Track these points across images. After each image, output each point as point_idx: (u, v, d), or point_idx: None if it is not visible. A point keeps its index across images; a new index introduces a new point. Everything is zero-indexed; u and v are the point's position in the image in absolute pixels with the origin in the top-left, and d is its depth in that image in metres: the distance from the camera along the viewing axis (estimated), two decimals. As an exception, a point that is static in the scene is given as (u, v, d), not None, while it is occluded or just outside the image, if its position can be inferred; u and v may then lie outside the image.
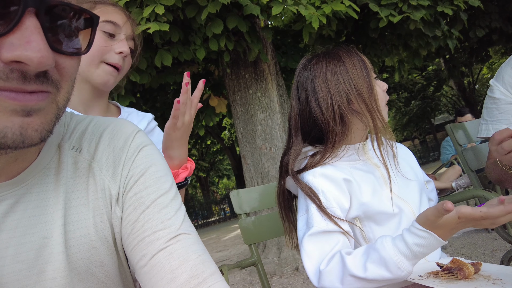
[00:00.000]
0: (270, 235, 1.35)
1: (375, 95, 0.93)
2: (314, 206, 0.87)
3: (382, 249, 0.75)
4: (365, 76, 0.93)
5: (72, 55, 0.46)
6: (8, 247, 0.48)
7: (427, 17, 3.51)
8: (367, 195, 0.91)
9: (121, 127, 0.62)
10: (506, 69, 1.31)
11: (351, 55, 0.95)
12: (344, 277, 0.77)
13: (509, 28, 5.68)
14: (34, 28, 0.39)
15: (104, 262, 0.56)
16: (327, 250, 0.83)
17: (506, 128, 0.96)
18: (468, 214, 0.67)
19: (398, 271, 0.73)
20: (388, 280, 0.74)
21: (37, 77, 0.41)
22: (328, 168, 0.92)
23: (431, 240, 0.71)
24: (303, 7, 2.92)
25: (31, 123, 0.42)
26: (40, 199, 0.52)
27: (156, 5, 2.65)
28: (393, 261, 0.72)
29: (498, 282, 0.72)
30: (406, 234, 0.74)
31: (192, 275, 0.51)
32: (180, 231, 0.55)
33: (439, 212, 0.68)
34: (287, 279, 3.49)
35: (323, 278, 0.80)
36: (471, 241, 3.43)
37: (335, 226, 0.84)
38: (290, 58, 4.73)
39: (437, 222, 0.69)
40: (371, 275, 0.74)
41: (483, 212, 0.67)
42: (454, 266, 0.77)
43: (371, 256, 0.76)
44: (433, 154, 23.16)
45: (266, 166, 3.96)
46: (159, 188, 0.58)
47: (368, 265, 0.75)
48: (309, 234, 0.84)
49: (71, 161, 0.56)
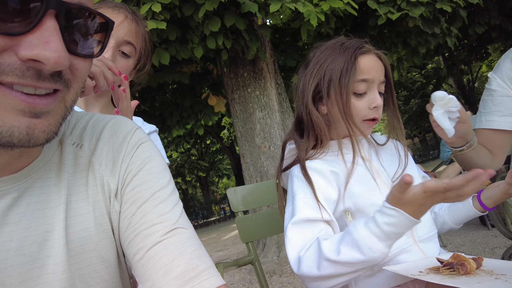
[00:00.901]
0: (268, 232, 1.34)
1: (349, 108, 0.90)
2: (299, 197, 0.87)
3: (354, 231, 0.74)
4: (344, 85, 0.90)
5: (86, 57, 0.48)
6: (11, 240, 0.49)
7: (426, 14, 3.50)
8: (357, 187, 0.91)
9: (121, 124, 0.64)
10: (505, 61, 1.30)
11: (340, 54, 0.93)
12: (320, 262, 0.77)
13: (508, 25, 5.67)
14: (53, 30, 0.41)
15: (105, 258, 0.57)
16: (309, 237, 0.83)
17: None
18: (432, 187, 0.67)
19: (371, 252, 0.72)
20: (361, 262, 0.73)
21: (52, 76, 0.43)
22: (315, 162, 0.92)
23: (400, 218, 0.70)
24: (301, 4, 2.91)
25: (38, 125, 0.43)
26: (43, 193, 0.53)
27: (153, 3, 2.64)
28: (364, 242, 0.72)
29: (502, 277, 0.70)
30: (376, 214, 0.73)
31: (187, 268, 0.52)
32: (177, 225, 0.56)
33: (401, 187, 0.68)
34: (287, 278, 3.48)
35: (302, 265, 0.80)
36: (471, 238, 3.42)
37: (318, 215, 0.84)
38: (288, 57, 4.72)
39: (404, 199, 0.69)
40: (344, 258, 0.73)
41: (445, 183, 0.66)
42: (456, 261, 0.75)
43: (344, 239, 0.76)
44: (432, 152, 23.20)
45: (265, 165, 3.95)
46: (157, 183, 0.59)
47: (341, 248, 0.74)
48: (292, 222, 0.85)
49: (72, 157, 0.58)
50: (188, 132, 10.62)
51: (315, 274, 0.78)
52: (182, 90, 5.37)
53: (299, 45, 5.09)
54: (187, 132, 10.75)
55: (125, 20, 0.98)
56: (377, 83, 0.93)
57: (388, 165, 1.00)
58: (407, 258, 0.88)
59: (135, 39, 1.01)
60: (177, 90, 5.48)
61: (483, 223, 3.75)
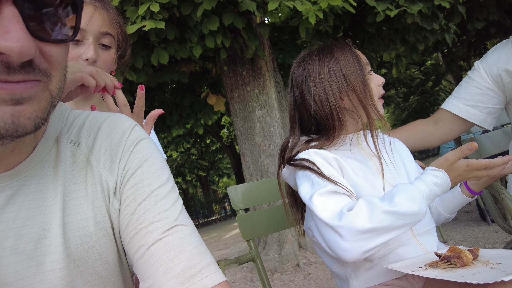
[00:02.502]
0: (269, 230, 1.34)
1: (369, 90, 0.95)
2: (315, 175, 0.87)
3: (406, 187, 0.81)
4: (359, 71, 0.94)
5: (58, 43, 0.45)
6: (6, 238, 0.48)
7: (425, 10, 3.49)
8: (359, 177, 0.92)
9: (119, 121, 0.63)
10: (493, 53, 1.31)
11: (344, 51, 0.96)
12: (373, 214, 0.76)
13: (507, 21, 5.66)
14: (12, 17, 0.38)
15: (104, 255, 0.57)
16: (340, 206, 0.81)
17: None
18: (475, 163, 0.83)
19: (422, 205, 0.79)
20: (415, 214, 0.78)
21: (22, 67, 0.40)
22: (321, 150, 0.94)
23: (444, 179, 0.82)
24: (299, 3, 2.90)
25: (23, 111, 0.41)
26: (39, 191, 0.52)
27: (151, 3, 2.63)
28: (417, 196, 0.80)
29: (497, 266, 0.71)
30: (423, 176, 0.84)
31: (187, 265, 0.51)
32: (177, 222, 0.55)
33: (461, 152, 0.82)
34: (288, 275, 3.48)
35: (348, 219, 0.76)
36: (471, 234, 3.43)
37: (341, 189, 0.84)
38: (287, 55, 4.71)
39: (453, 164, 0.83)
40: (402, 209, 0.77)
41: (486, 161, 0.82)
42: (452, 254, 0.76)
43: (396, 194, 0.80)
44: (432, 149, 23.22)
45: (265, 163, 3.95)
46: (156, 180, 0.58)
47: (397, 200, 0.78)
48: (319, 193, 0.83)
49: (69, 155, 0.57)
50: (188, 131, 10.62)
51: (367, 227, 0.74)
52: (181, 89, 5.37)
53: (297, 43, 5.09)
54: (187, 132, 10.75)
55: (95, 11, 0.93)
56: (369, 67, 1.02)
57: (390, 161, 1.01)
58: (406, 251, 0.89)
59: (111, 27, 0.97)
60: (176, 90, 5.48)
61: (483, 219, 3.76)
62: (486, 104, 1.29)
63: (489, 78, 1.28)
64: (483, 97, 1.29)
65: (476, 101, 1.30)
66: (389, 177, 0.96)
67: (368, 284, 0.90)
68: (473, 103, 1.30)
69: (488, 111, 1.30)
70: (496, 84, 1.27)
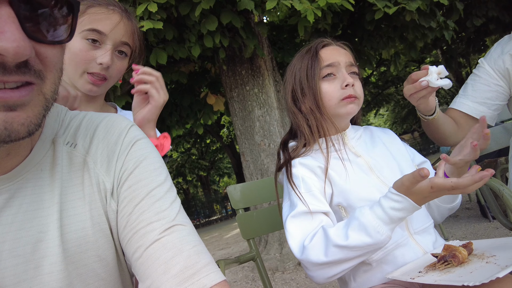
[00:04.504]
0: (269, 229, 1.34)
1: (319, 96, 0.95)
2: (295, 192, 0.89)
3: (361, 216, 0.78)
4: (311, 76, 0.95)
5: (54, 44, 0.45)
6: (4, 241, 0.48)
7: (423, 7, 3.48)
8: (347, 183, 0.92)
9: (115, 122, 0.62)
10: (496, 48, 1.30)
11: (307, 53, 0.99)
12: (327, 249, 0.79)
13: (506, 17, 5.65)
14: (8, 18, 0.38)
15: (102, 256, 0.56)
16: (309, 229, 0.85)
17: (425, 66, 0.98)
18: (440, 184, 0.71)
19: (378, 235, 0.76)
20: (369, 245, 0.76)
21: (18, 68, 0.40)
22: (307, 158, 0.95)
23: (405, 204, 0.75)
24: (297, 1, 2.89)
25: (16, 118, 0.41)
26: (36, 194, 0.52)
27: (149, 3, 2.63)
28: (372, 226, 0.75)
29: (492, 260, 0.73)
30: (382, 200, 0.78)
31: (186, 265, 0.51)
32: (174, 222, 0.55)
33: (414, 178, 0.72)
34: (290, 274, 3.49)
35: (307, 253, 0.81)
36: (472, 230, 3.43)
37: (317, 207, 0.86)
38: (286, 54, 4.71)
39: (412, 189, 0.73)
40: (353, 242, 0.76)
41: (453, 182, 0.70)
42: (447, 253, 0.76)
43: (351, 224, 0.78)
44: (433, 146, 23.21)
45: (265, 162, 3.95)
46: (153, 180, 0.58)
47: (350, 232, 0.77)
48: (292, 216, 0.86)
49: (66, 156, 0.57)
50: (187, 131, 10.61)
51: (322, 260, 0.79)
52: (181, 89, 5.36)
53: (296, 41, 5.08)
54: (187, 132, 10.74)
55: (121, 21, 0.96)
56: (344, 66, 0.97)
57: (380, 157, 1.00)
58: (403, 252, 0.88)
59: (131, 39, 1.01)
60: (175, 90, 5.47)
61: (484, 215, 3.76)
62: (494, 101, 1.28)
63: (495, 73, 1.26)
64: (491, 94, 1.27)
65: (485, 98, 1.28)
66: (382, 175, 0.95)
67: (367, 285, 0.89)
68: (481, 100, 1.28)
69: (495, 107, 1.29)
70: (504, 78, 1.26)
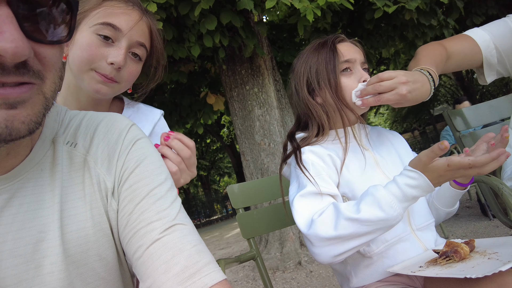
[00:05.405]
0: (269, 228, 1.34)
1: (340, 89, 0.96)
2: (305, 174, 0.89)
3: (374, 191, 0.77)
4: (331, 69, 0.96)
5: (53, 44, 0.45)
6: (5, 241, 0.48)
7: (422, 6, 3.48)
8: (353, 174, 0.92)
9: (115, 121, 0.62)
10: None
11: (323, 47, 0.99)
12: (337, 222, 0.77)
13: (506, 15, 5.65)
14: (6, 18, 0.38)
15: (103, 256, 0.56)
16: (318, 208, 0.83)
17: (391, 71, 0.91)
18: (456, 162, 0.71)
19: (391, 210, 0.74)
20: (381, 220, 0.75)
21: (17, 69, 0.40)
22: (316, 147, 0.96)
23: (420, 181, 0.74)
24: (297, 0, 2.89)
25: (17, 115, 0.41)
26: (36, 193, 0.52)
27: (148, 3, 2.63)
28: (385, 200, 0.74)
29: (494, 256, 0.72)
30: (397, 177, 0.77)
31: (187, 265, 0.51)
32: (175, 221, 0.55)
33: (433, 152, 0.72)
34: (290, 273, 3.49)
35: (315, 227, 0.79)
36: (473, 229, 3.43)
37: (326, 189, 0.86)
38: (286, 53, 4.70)
39: (428, 165, 0.73)
40: (365, 215, 0.75)
41: (470, 160, 0.69)
42: (449, 249, 0.76)
43: (364, 199, 0.78)
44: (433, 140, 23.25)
45: (266, 162, 3.95)
46: (154, 179, 0.58)
47: (362, 206, 0.76)
48: (300, 195, 0.85)
49: (66, 156, 0.57)
50: (188, 131, 10.60)
51: (331, 235, 0.77)
52: (181, 89, 5.36)
53: (296, 41, 5.08)
54: (187, 132, 10.73)
55: (141, 20, 0.86)
56: (359, 63, 0.99)
57: (386, 154, 1.02)
58: (404, 246, 0.89)
59: (148, 40, 0.90)
60: (175, 90, 5.47)
61: (484, 214, 3.76)
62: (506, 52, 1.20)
63: None
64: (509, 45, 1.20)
65: (499, 36, 1.21)
66: (387, 170, 0.96)
67: (368, 281, 0.90)
68: (492, 35, 1.22)
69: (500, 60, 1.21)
70: None
